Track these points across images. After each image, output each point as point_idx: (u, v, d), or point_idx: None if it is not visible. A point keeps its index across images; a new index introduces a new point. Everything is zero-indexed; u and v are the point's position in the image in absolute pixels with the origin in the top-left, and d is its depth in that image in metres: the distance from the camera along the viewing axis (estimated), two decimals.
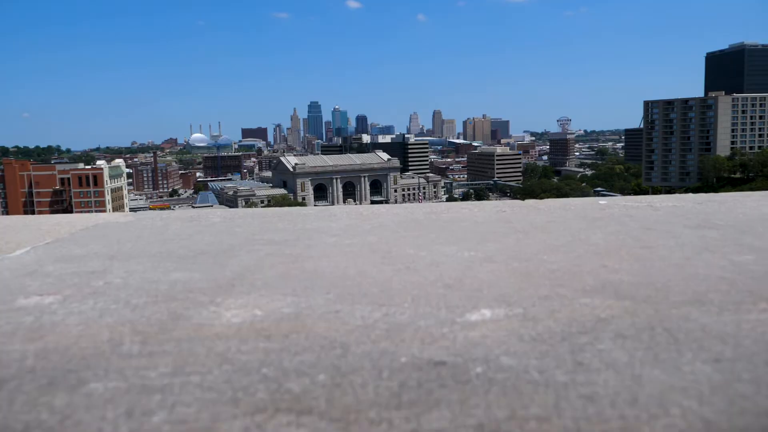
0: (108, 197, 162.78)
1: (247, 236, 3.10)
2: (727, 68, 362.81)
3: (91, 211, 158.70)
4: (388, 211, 3.89)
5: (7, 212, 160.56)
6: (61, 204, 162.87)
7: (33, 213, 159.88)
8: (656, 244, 2.80)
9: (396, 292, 2.13)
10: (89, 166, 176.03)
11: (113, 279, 2.39)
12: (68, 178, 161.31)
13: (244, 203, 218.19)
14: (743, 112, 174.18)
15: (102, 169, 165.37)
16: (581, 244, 2.79)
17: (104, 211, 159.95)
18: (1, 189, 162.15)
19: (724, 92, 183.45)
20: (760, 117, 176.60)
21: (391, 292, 2.13)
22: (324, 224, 3.42)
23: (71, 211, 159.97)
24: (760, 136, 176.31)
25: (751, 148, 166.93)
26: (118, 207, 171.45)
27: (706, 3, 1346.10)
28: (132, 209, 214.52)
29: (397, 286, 2.21)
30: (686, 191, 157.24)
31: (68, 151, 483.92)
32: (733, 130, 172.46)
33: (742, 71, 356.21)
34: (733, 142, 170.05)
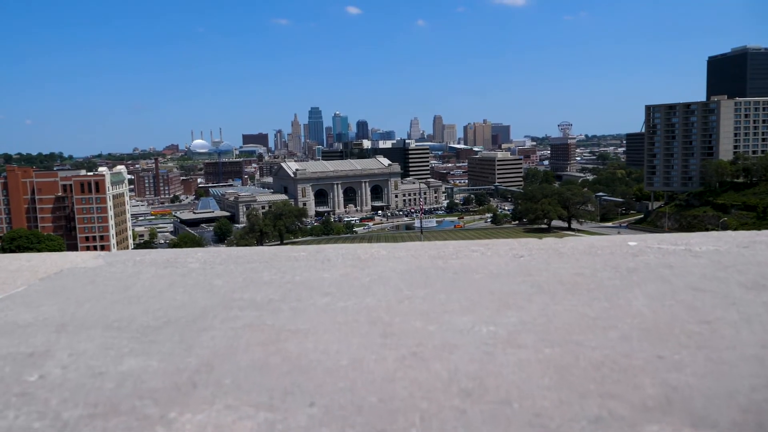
0: (110, 204, 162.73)
1: (226, 293, 2.61)
2: (730, 72, 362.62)
3: (93, 218, 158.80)
4: (390, 254, 3.29)
5: (9, 219, 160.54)
6: (63, 211, 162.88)
7: (36, 219, 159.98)
8: (715, 317, 2.22)
9: (400, 405, 1.60)
10: (91, 173, 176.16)
11: (52, 369, 1.90)
12: (70, 185, 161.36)
13: (245, 209, 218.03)
14: (746, 116, 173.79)
15: (104, 175, 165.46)
16: (623, 315, 2.22)
17: (105, 218, 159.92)
18: (4, 196, 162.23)
19: (726, 96, 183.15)
20: (764, 121, 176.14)
21: (394, 405, 1.60)
22: (316, 275, 2.88)
23: (73, 219, 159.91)
24: (764, 140, 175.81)
25: (754, 152, 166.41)
26: (119, 213, 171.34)
27: (708, 7, 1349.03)
28: (133, 215, 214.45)
29: (402, 392, 1.68)
30: (689, 196, 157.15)
31: (70, 157, 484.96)
32: (735, 134, 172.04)
33: (744, 75, 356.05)
34: (735, 147, 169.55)
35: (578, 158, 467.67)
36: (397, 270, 2.91)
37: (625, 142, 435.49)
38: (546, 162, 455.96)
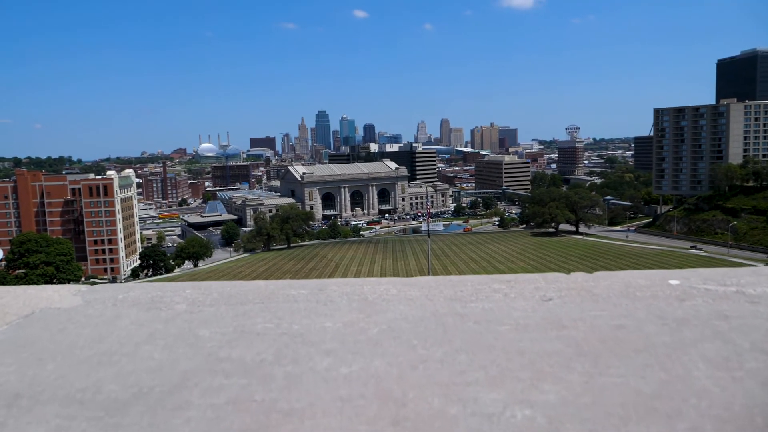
0: (118, 207, 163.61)
1: (212, 349, 2.19)
2: (739, 75, 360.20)
3: (101, 222, 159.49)
4: (400, 293, 2.77)
5: (19, 222, 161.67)
6: (71, 214, 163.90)
7: (45, 223, 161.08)
8: None
9: None
10: (100, 177, 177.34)
11: None
12: (79, 189, 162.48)
13: (252, 212, 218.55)
14: (756, 119, 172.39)
15: (112, 179, 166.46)
16: (686, 393, 1.78)
17: (114, 221, 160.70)
18: (14, 200, 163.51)
19: (736, 99, 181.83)
20: None
21: None
22: (316, 322, 2.39)
23: (82, 222, 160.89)
24: None
25: (764, 155, 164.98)
26: (127, 217, 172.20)
27: (717, 10, 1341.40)
28: (141, 219, 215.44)
29: None
30: (698, 200, 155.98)
31: (79, 161, 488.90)
32: (745, 138, 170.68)
33: (754, 78, 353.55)
34: (745, 150, 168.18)
35: (586, 162, 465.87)
36: (409, 317, 2.43)
37: (633, 145, 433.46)
38: (554, 165, 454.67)
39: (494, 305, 2.52)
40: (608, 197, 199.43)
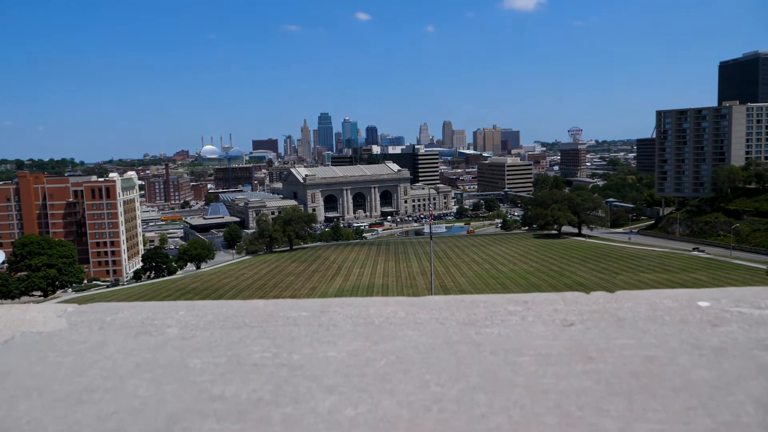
0: (120, 209, 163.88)
1: (203, 385, 1.95)
2: (741, 77, 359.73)
3: (104, 224, 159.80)
4: (409, 316, 2.50)
5: (21, 225, 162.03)
6: (74, 216, 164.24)
7: (47, 225, 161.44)
8: None
9: None
10: (102, 179, 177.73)
11: None
12: (81, 191, 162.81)
13: (254, 214, 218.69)
14: (758, 121, 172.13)
15: (114, 181, 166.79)
16: None
17: (116, 223, 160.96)
18: (16, 202, 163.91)
19: (738, 101, 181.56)
20: None
21: None
22: (319, 351, 2.14)
23: (84, 224, 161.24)
24: None
25: (766, 158, 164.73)
26: (130, 219, 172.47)
27: (719, 12, 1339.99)
28: (143, 221, 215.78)
29: None
30: (700, 202, 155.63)
31: (82, 163, 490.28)
32: (747, 140, 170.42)
33: (756, 80, 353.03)
34: (747, 152, 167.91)
35: (588, 164, 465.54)
36: (419, 345, 2.18)
37: (635, 147, 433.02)
38: (556, 167, 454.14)
39: (511, 331, 2.29)
40: (611, 199, 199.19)
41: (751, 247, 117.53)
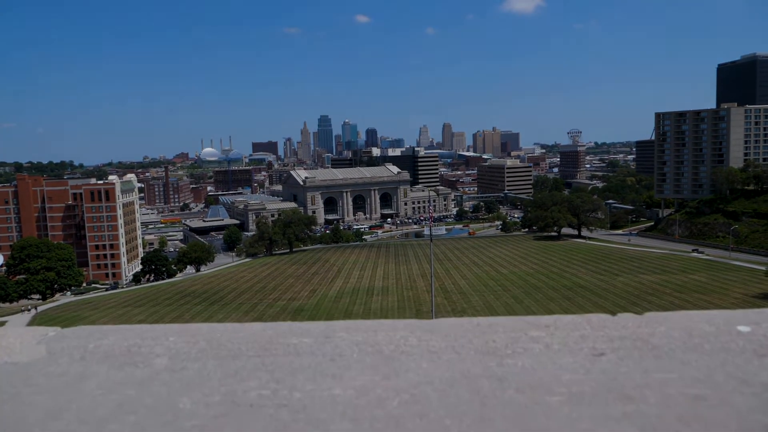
0: (120, 212, 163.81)
1: None
2: (739, 79, 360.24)
3: (103, 226, 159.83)
4: (421, 343, 2.18)
5: (20, 227, 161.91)
6: (73, 219, 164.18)
7: (46, 228, 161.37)
8: None
9: None
10: (101, 181, 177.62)
11: None
12: (80, 193, 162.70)
13: (254, 217, 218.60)
14: (756, 123, 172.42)
15: (114, 183, 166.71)
16: None
17: (115, 226, 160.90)
18: (15, 204, 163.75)
19: (736, 104, 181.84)
20: None
21: None
22: (323, 388, 1.89)
23: (84, 227, 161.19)
24: None
25: (764, 159, 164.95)
26: (129, 221, 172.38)
27: (718, 14, 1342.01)
28: (143, 223, 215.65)
29: None
30: (699, 203, 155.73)
31: (81, 166, 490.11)
32: (746, 142, 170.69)
33: (754, 82, 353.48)
34: (746, 154, 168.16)
35: (588, 166, 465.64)
36: (435, 381, 1.90)
37: (634, 149, 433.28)
38: (555, 169, 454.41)
39: (536, 362, 2.03)
40: (610, 201, 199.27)
41: (749, 249, 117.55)
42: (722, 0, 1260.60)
